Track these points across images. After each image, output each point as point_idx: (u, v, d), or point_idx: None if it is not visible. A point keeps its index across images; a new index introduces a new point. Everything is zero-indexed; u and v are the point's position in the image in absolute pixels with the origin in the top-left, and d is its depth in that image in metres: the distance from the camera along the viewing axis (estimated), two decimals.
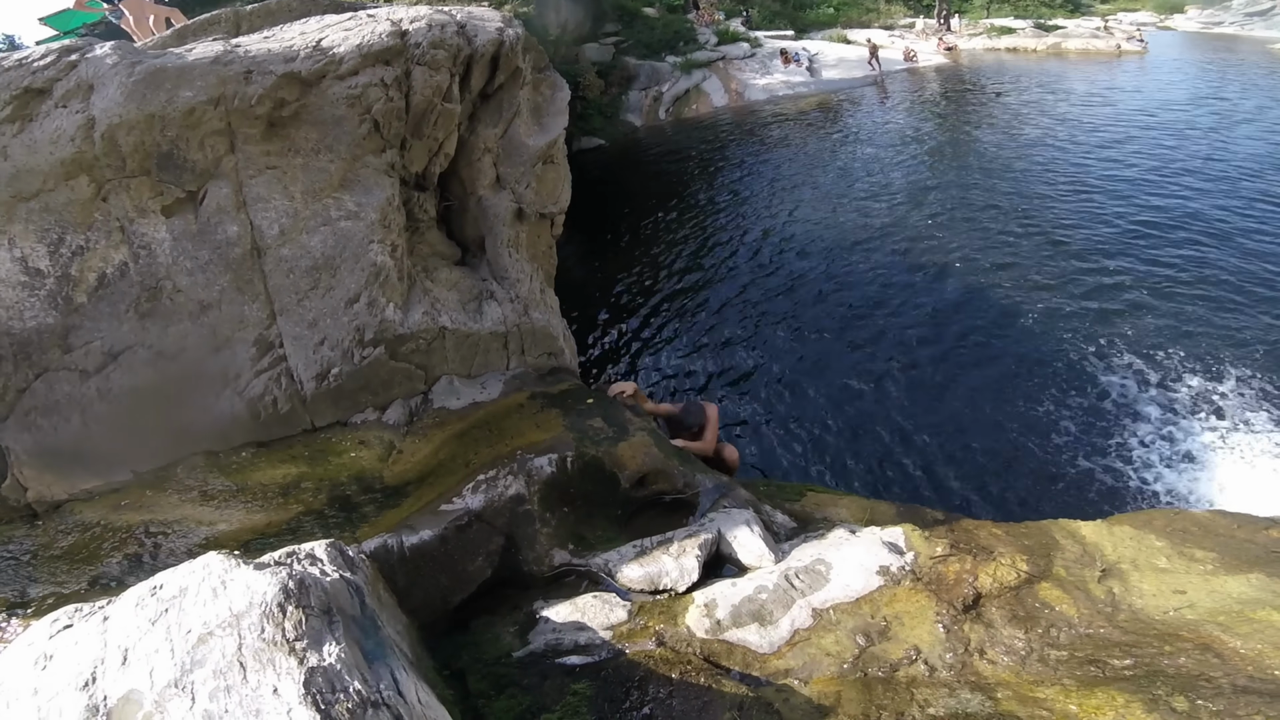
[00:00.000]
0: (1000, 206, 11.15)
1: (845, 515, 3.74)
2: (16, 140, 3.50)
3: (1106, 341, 7.19)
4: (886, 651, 2.51)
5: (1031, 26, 30.37)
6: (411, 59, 4.22)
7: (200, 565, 1.82)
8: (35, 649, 1.75)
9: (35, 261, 3.55)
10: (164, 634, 1.63)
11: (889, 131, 16.67)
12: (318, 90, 3.92)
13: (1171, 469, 5.50)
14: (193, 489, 3.60)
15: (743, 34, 25.14)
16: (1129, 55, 26.60)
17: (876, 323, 8.01)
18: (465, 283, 4.80)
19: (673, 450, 4.04)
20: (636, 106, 20.30)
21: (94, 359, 3.65)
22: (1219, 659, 2.25)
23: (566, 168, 5.59)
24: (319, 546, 2.14)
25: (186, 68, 3.64)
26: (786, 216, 11.50)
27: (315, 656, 1.54)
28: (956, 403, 6.53)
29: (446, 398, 4.38)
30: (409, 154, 4.50)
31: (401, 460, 3.88)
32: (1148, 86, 20.35)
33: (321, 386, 4.01)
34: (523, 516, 3.30)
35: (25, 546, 3.32)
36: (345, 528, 3.29)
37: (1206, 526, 3.03)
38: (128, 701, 1.52)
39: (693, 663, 2.48)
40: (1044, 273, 8.82)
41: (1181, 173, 12.15)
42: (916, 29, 30.59)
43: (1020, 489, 5.50)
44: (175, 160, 3.65)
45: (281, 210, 3.91)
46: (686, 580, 2.98)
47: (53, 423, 3.60)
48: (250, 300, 3.88)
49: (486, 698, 2.35)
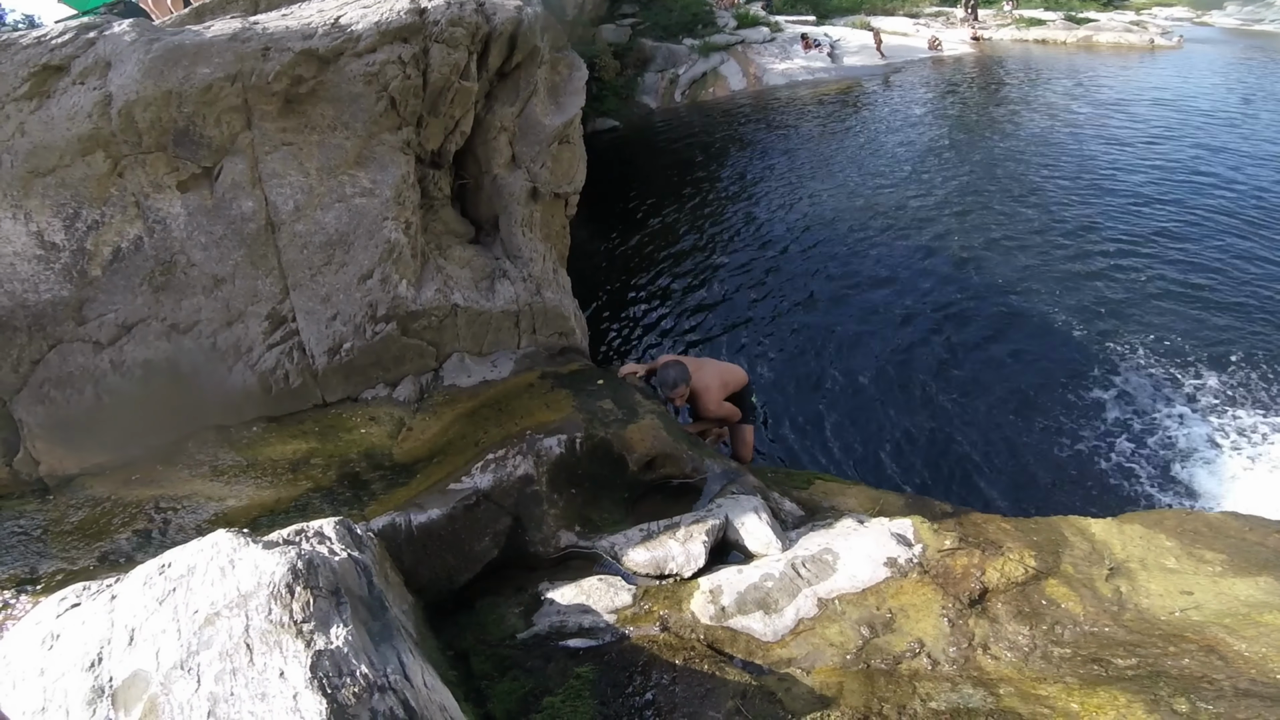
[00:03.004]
0: (1020, 199, 11.00)
1: (853, 505, 3.74)
2: (34, 116, 3.51)
3: (1125, 338, 7.10)
4: (890, 644, 2.51)
5: (1062, 19, 29.76)
6: (430, 36, 4.19)
7: (209, 543, 1.83)
8: (43, 628, 1.76)
9: (51, 235, 3.57)
10: (171, 614, 1.64)
11: (909, 120, 16.43)
12: (335, 67, 3.90)
13: (1185, 469, 5.44)
14: (203, 464, 3.63)
15: (763, 18, 24.71)
16: (1163, 50, 26.05)
17: (889, 313, 7.93)
18: (478, 261, 4.79)
19: (681, 434, 4.04)
20: (652, 89, 20.08)
21: (108, 331, 3.68)
22: (1223, 661, 2.24)
23: (582, 148, 5.55)
24: (327, 524, 2.15)
25: (204, 45, 3.64)
26: (802, 201, 11.38)
27: (322, 639, 1.55)
28: (968, 395, 6.47)
29: (457, 375, 4.40)
30: (425, 132, 4.48)
31: (411, 437, 3.90)
32: (1182, 82, 19.84)
33: (333, 361, 4.03)
34: (531, 497, 3.31)
35: (36, 521, 3.34)
36: (354, 505, 3.31)
37: (1217, 528, 3.01)
38: (133, 683, 1.53)
39: (696, 649, 2.49)
40: (1063, 269, 8.69)
41: (1217, 172, 11.87)
42: (957, 16, 30.04)
43: (1031, 484, 5.46)
44: (191, 136, 3.65)
45: (297, 186, 3.91)
46: (693, 566, 2.99)
47: (66, 395, 3.63)
48: (264, 275, 3.90)
49: (490, 679, 2.37)
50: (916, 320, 7.75)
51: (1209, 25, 34.14)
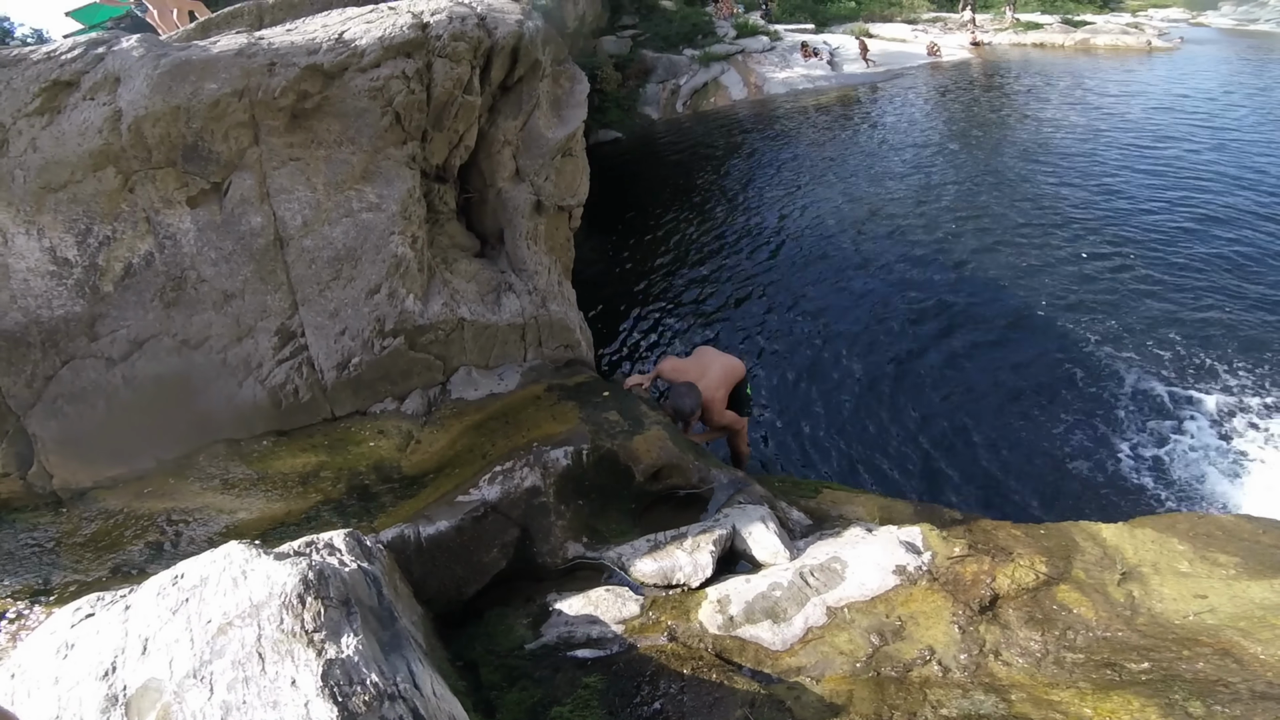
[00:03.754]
0: (1026, 203, 11.00)
1: (861, 513, 3.73)
2: (45, 132, 3.55)
3: (1135, 342, 7.07)
4: (900, 651, 2.50)
5: (1059, 22, 29.85)
6: (433, 51, 4.23)
7: (221, 554, 1.84)
8: (57, 637, 1.77)
9: (63, 251, 3.61)
10: (184, 624, 1.65)
11: (910, 126, 16.47)
12: (340, 82, 3.94)
13: (1197, 472, 5.40)
14: (214, 477, 3.65)
15: (762, 27, 24.84)
16: (1160, 51, 26.09)
17: (895, 319, 7.93)
18: (484, 274, 4.82)
19: (688, 444, 4.04)
20: (654, 99, 20.19)
21: (120, 347, 3.71)
22: (1238, 664, 2.22)
23: (585, 160, 5.58)
24: (337, 536, 2.17)
25: (211, 60, 3.68)
26: (805, 210, 11.41)
27: (333, 648, 1.56)
28: (975, 400, 6.46)
29: (464, 388, 4.41)
30: (430, 146, 4.52)
31: (419, 450, 3.91)
32: (1182, 83, 19.85)
33: (342, 376, 4.05)
34: (538, 508, 3.31)
35: (49, 534, 3.36)
36: (363, 517, 3.33)
37: (1231, 531, 2.99)
38: (146, 691, 1.54)
39: (704, 658, 2.48)
40: (1071, 273, 8.68)
41: (1221, 173, 11.84)
42: (961, 19, 30.12)
43: (1040, 489, 5.43)
44: (200, 152, 3.69)
45: (304, 201, 3.95)
46: (700, 576, 2.99)
47: (79, 409, 3.66)
48: (273, 290, 3.93)
49: (499, 689, 2.37)
50: (922, 327, 7.74)
51: (1205, 26, 34.21)
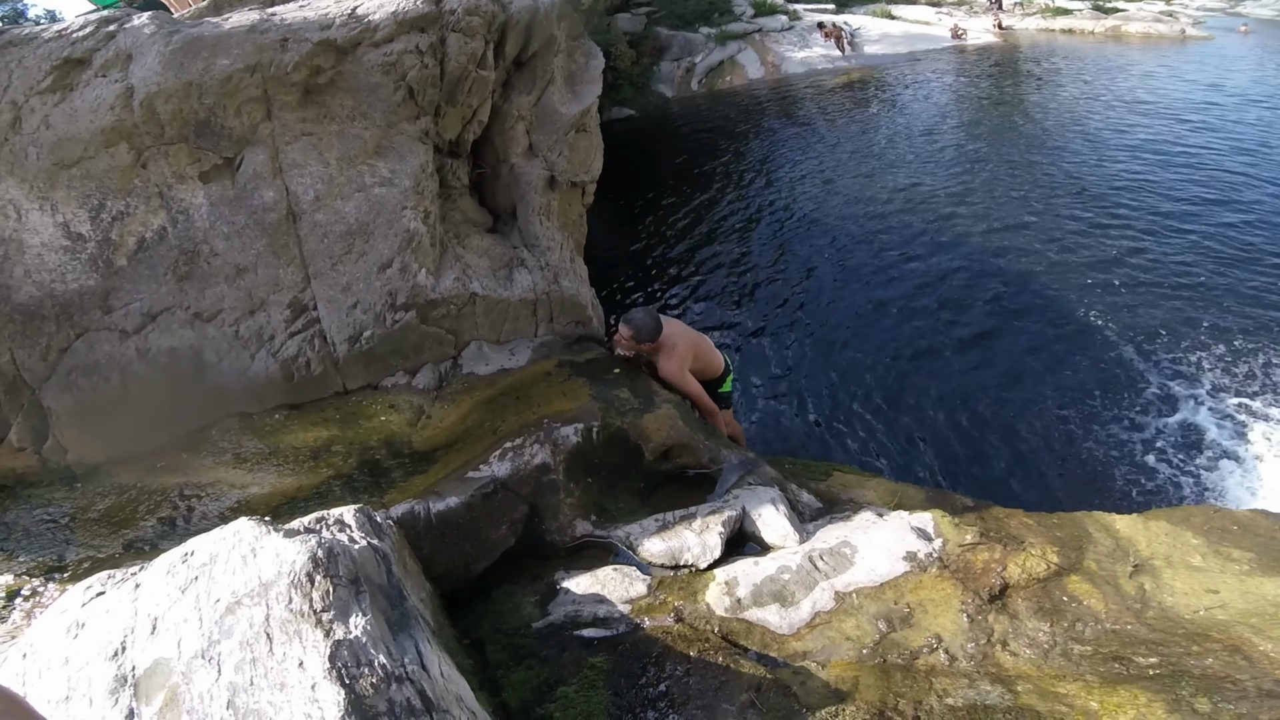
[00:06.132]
0: (1048, 188, 10.81)
1: (872, 498, 3.71)
2: (58, 109, 3.56)
3: (1155, 332, 6.97)
4: (908, 638, 2.49)
5: (1090, 8, 29.15)
6: (446, 25, 4.18)
7: (231, 532, 1.84)
8: (68, 616, 1.78)
9: (77, 226, 3.62)
10: (193, 603, 1.65)
11: (930, 109, 16.20)
12: (353, 57, 3.91)
13: (1213, 465, 5.34)
14: (226, 451, 3.68)
15: (780, 6, 24.43)
16: (1194, 40, 25.42)
17: (909, 302, 7.85)
18: (496, 250, 4.80)
19: (698, 424, 4.03)
20: (668, 77, 19.96)
21: (133, 320, 3.74)
22: (1247, 661, 2.20)
23: (599, 136, 5.53)
24: (348, 512, 2.16)
25: (223, 36, 3.66)
26: (821, 190, 11.29)
27: (341, 629, 1.56)
28: (990, 388, 6.40)
29: (475, 363, 4.41)
30: (443, 121, 4.48)
31: (430, 425, 3.92)
32: (1218, 74, 19.33)
33: (354, 349, 4.06)
34: (547, 486, 3.31)
35: (64, 509, 3.38)
36: (373, 492, 3.34)
37: (1247, 525, 2.95)
38: (155, 672, 1.54)
39: (711, 641, 2.48)
40: (1092, 260, 8.53)
41: (1254, 166, 11.57)
42: (981, 4, 29.51)
43: (1054, 478, 5.39)
44: (212, 127, 3.68)
45: (317, 176, 3.94)
46: (709, 557, 2.98)
47: (93, 382, 3.69)
48: (285, 264, 3.93)
49: (505, 668, 2.38)
50: (939, 312, 7.67)
51: (1242, 15, 33.25)
